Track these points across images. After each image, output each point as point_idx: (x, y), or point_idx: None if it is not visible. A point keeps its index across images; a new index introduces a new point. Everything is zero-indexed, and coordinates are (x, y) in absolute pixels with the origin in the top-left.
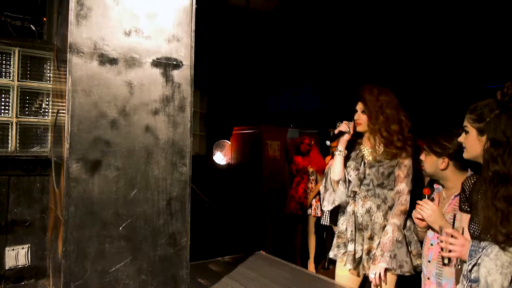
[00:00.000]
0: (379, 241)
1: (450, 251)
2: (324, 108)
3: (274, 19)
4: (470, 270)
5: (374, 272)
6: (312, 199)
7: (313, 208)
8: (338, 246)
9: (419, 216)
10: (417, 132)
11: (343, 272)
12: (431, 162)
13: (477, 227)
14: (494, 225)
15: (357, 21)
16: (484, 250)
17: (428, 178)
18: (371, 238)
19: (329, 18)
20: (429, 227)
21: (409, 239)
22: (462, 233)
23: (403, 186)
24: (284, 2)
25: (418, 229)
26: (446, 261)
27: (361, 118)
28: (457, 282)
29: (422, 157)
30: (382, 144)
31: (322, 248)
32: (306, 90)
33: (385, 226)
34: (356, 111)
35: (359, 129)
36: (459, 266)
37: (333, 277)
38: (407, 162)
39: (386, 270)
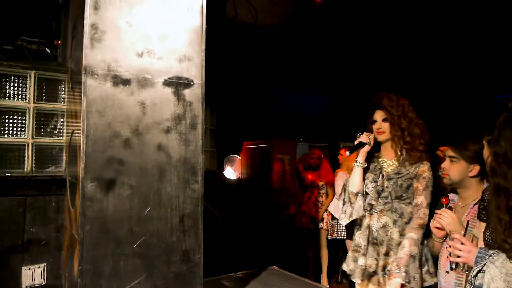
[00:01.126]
0: (396, 256)
1: (458, 256)
2: (334, 121)
3: (281, 33)
4: (475, 276)
5: None
6: (324, 213)
7: (324, 221)
8: (355, 261)
9: (438, 225)
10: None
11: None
12: (459, 169)
13: (489, 235)
14: (499, 234)
15: (367, 32)
16: (490, 257)
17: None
18: (386, 254)
19: (337, 30)
20: (446, 237)
21: (426, 256)
22: (472, 241)
23: (422, 199)
24: (292, 17)
25: (435, 240)
26: (453, 265)
27: (383, 126)
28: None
29: (445, 165)
30: (405, 151)
31: (335, 262)
32: (315, 104)
33: (401, 242)
34: (375, 121)
35: (381, 138)
36: (467, 272)
37: None
38: (427, 174)
39: (402, 286)
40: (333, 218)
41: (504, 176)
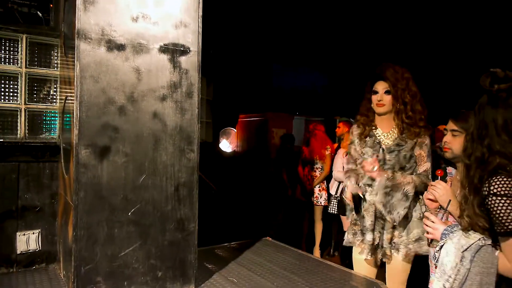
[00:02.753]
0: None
1: (427, 233)
2: (330, 95)
3: (280, 5)
4: (438, 251)
5: None
6: (315, 187)
7: (314, 196)
8: (354, 233)
9: (431, 197)
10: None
11: (361, 257)
12: (462, 142)
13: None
14: (462, 210)
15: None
16: (451, 234)
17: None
18: (393, 227)
19: (335, 4)
20: (439, 208)
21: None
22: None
23: (429, 166)
24: None
25: (429, 211)
26: (429, 241)
27: (384, 98)
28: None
29: (447, 139)
30: (405, 124)
31: (328, 235)
32: (313, 78)
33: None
34: (375, 92)
35: (380, 110)
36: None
37: (338, 263)
38: (428, 140)
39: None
40: (330, 193)
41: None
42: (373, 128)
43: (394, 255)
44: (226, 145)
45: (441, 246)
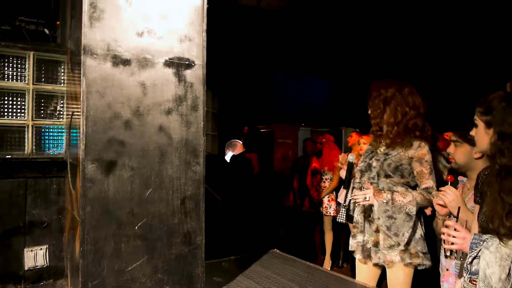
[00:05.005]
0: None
1: (452, 243)
2: (336, 106)
3: (284, 17)
4: (471, 263)
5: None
6: (324, 197)
7: (324, 206)
8: (353, 236)
9: (441, 202)
10: (436, 128)
11: (361, 261)
12: (464, 152)
13: (483, 218)
14: (499, 217)
15: (370, 15)
16: (484, 243)
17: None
18: (377, 230)
19: (340, 14)
20: (449, 214)
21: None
22: (466, 226)
23: (432, 183)
24: (295, 1)
25: (439, 217)
26: (448, 253)
27: (370, 110)
28: (460, 274)
29: (451, 149)
30: (389, 135)
31: (337, 246)
32: (318, 88)
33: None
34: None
35: (372, 122)
36: (462, 259)
37: (347, 275)
38: (428, 157)
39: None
40: (338, 203)
41: (510, 156)
42: (374, 137)
43: (391, 260)
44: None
45: (474, 257)
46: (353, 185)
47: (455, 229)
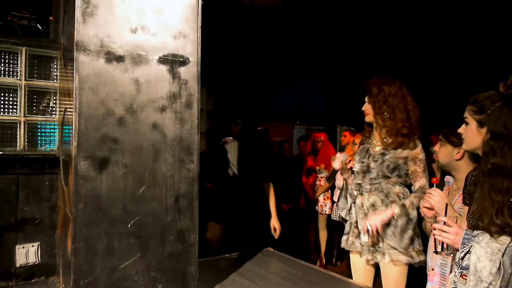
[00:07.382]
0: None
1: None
2: (331, 104)
3: (279, 15)
4: (462, 258)
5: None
6: (319, 196)
7: (319, 205)
8: (350, 235)
9: (427, 205)
10: (427, 127)
11: (354, 256)
12: (446, 152)
13: (472, 216)
14: (489, 215)
15: (366, 14)
16: (476, 238)
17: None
18: (376, 231)
19: (335, 13)
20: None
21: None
22: (456, 222)
23: (424, 182)
24: None
25: (426, 220)
26: (438, 249)
27: (367, 108)
28: (450, 270)
29: (436, 148)
30: (386, 134)
31: (330, 244)
32: (313, 86)
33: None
34: (365, 102)
35: (366, 119)
36: (452, 255)
37: (340, 273)
38: (421, 156)
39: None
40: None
41: (502, 156)
42: (367, 136)
43: (382, 260)
44: None
45: (466, 252)
46: (353, 186)
47: (445, 223)
